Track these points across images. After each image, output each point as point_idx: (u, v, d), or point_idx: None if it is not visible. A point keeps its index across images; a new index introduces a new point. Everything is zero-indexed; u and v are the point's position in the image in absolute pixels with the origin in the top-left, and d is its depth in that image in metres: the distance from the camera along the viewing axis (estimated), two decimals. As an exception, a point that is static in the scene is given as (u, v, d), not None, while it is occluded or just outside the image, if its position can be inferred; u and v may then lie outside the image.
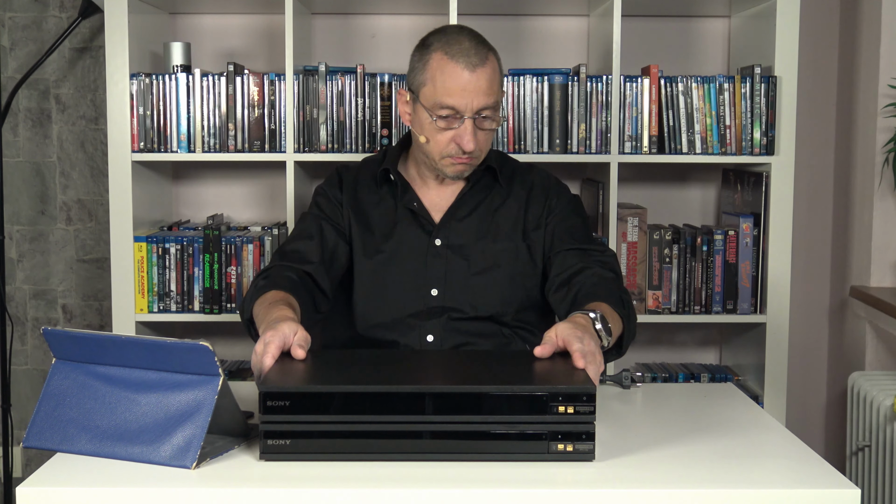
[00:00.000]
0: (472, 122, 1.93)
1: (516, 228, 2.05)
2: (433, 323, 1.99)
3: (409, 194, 2.06)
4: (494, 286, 2.01)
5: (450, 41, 1.95)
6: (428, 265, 2.02)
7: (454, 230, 2.04)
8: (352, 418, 1.42)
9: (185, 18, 3.14)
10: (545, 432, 1.43)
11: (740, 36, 3.07)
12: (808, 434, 3.20)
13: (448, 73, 1.92)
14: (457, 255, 2.02)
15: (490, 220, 2.05)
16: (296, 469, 1.41)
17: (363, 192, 2.10)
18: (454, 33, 1.97)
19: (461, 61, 1.91)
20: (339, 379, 1.51)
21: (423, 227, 2.04)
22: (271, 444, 1.43)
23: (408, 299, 2.01)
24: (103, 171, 3.25)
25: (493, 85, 1.94)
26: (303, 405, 1.42)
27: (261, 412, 1.42)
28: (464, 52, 1.92)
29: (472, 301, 2.00)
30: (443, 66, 1.93)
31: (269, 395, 1.42)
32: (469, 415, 1.43)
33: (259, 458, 1.44)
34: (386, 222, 2.06)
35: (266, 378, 1.49)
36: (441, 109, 1.93)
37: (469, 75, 1.91)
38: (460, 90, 1.91)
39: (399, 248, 2.03)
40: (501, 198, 2.07)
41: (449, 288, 2.01)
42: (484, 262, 2.02)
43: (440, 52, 1.94)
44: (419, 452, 1.43)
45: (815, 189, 3.20)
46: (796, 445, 1.55)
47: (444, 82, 1.92)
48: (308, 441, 1.43)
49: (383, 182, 2.09)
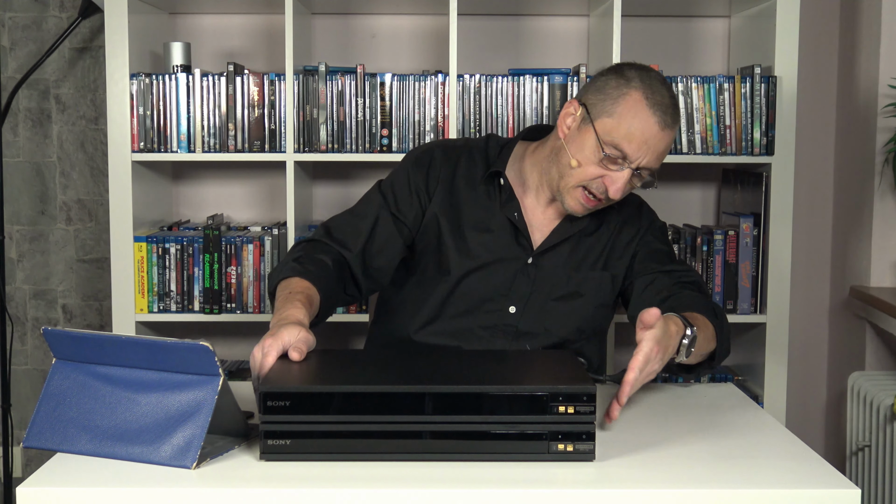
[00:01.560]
0: (631, 173, 1.84)
1: (602, 257, 1.97)
2: (502, 343, 1.93)
3: (513, 203, 1.95)
4: (573, 314, 1.95)
5: (653, 89, 1.83)
6: (515, 282, 1.94)
7: (548, 253, 1.95)
8: (352, 418, 1.42)
9: (185, 18, 3.14)
10: (545, 432, 1.43)
11: (740, 36, 3.07)
12: (808, 434, 3.20)
13: (641, 119, 1.80)
14: (543, 278, 1.94)
15: (581, 247, 1.97)
16: (296, 469, 1.41)
17: (462, 186, 1.97)
18: (658, 82, 1.84)
19: (657, 115, 1.81)
20: (339, 379, 1.51)
21: (521, 242, 1.95)
22: (271, 444, 1.43)
23: (483, 312, 1.93)
24: (103, 171, 3.25)
25: (666, 151, 1.86)
26: (303, 405, 1.42)
27: (261, 412, 1.42)
28: (663, 107, 1.82)
29: (546, 325, 1.94)
30: (637, 111, 1.81)
31: (269, 395, 1.42)
32: (469, 415, 1.43)
33: (259, 458, 1.44)
34: (481, 229, 1.95)
35: (266, 378, 1.49)
36: (614, 149, 1.82)
37: (658, 132, 1.81)
38: (643, 141, 1.81)
39: (491, 259, 1.94)
40: (594, 226, 1.99)
41: (528, 309, 1.94)
42: (567, 289, 1.95)
43: (641, 94, 1.81)
44: (419, 452, 1.43)
45: (815, 189, 3.20)
46: (796, 445, 1.55)
47: (632, 126, 1.81)
48: (308, 441, 1.43)
49: (485, 181, 1.97)
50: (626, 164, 1.82)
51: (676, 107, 1.86)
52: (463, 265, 1.94)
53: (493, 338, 1.93)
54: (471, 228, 1.95)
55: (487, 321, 1.93)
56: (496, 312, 1.94)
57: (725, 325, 1.84)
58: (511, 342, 1.94)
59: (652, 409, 1.75)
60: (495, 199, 1.96)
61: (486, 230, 1.95)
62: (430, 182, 1.97)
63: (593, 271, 1.97)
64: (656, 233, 2.03)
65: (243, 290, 2.83)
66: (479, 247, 1.94)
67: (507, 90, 2.79)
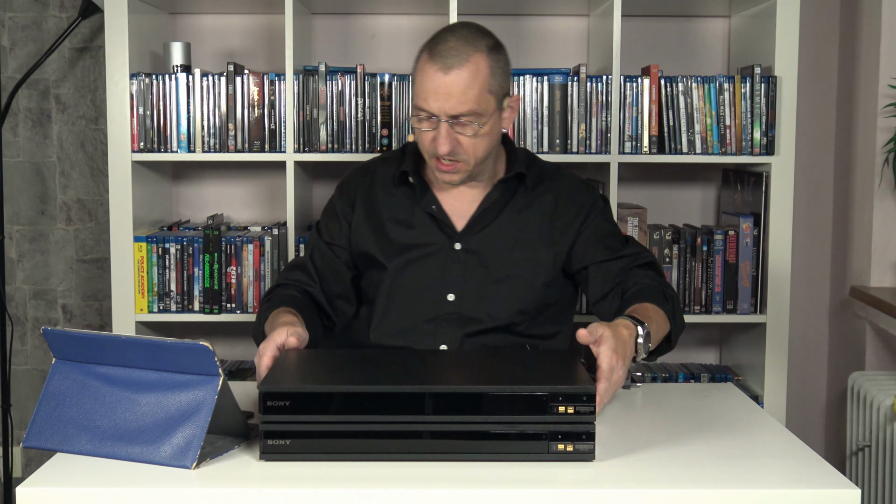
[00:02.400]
0: (448, 125, 1.84)
1: (540, 237, 1.98)
2: (447, 332, 1.95)
3: (429, 197, 1.99)
4: (512, 295, 1.95)
5: (438, 38, 1.87)
6: (446, 270, 1.96)
7: (476, 236, 1.97)
8: (352, 418, 1.43)
9: (185, 18, 3.14)
10: (545, 432, 1.43)
11: (740, 36, 3.07)
12: (808, 434, 3.20)
13: (426, 74, 1.84)
14: (477, 262, 1.96)
15: (513, 227, 1.98)
16: (296, 469, 1.41)
17: (379, 193, 2.03)
18: (445, 31, 1.89)
19: (438, 62, 1.82)
20: (339, 379, 1.51)
21: (444, 230, 1.98)
22: (271, 444, 1.43)
23: (423, 304, 1.96)
24: (103, 171, 3.25)
25: (468, 90, 1.82)
26: (303, 405, 1.42)
27: (261, 412, 1.42)
28: (444, 52, 1.83)
29: (488, 310, 1.95)
30: (423, 66, 1.85)
31: (269, 395, 1.42)
32: (469, 415, 1.43)
33: (259, 458, 1.44)
34: (403, 226, 1.99)
35: (266, 378, 1.49)
36: (419, 111, 1.86)
37: (442, 78, 1.82)
38: (432, 92, 1.83)
39: (418, 252, 1.97)
40: (526, 203, 1.99)
41: (466, 295, 1.95)
42: (504, 271, 1.96)
43: (426, 49, 1.87)
44: (419, 452, 1.43)
45: (815, 189, 3.20)
46: (796, 445, 1.55)
47: (422, 85, 1.85)
48: (308, 441, 1.43)
49: (401, 183, 2.02)
50: (436, 118, 1.85)
51: (469, 43, 1.84)
52: (393, 264, 1.98)
53: (437, 330, 1.95)
54: (393, 227, 2.00)
55: (429, 313, 1.95)
56: (436, 303, 1.95)
57: (677, 305, 1.88)
58: (456, 330, 1.95)
59: (652, 409, 1.75)
60: (413, 198, 2.00)
61: (409, 226, 1.99)
62: (350, 200, 2.05)
63: (531, 250, 1.97)
64: (605, 214, 2.04)
65: (243, 290, 2.83)
66: (404, 245, 1.98)
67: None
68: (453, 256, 1.97)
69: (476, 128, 1.85)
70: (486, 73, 1.85)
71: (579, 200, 2.02)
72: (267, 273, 2.83)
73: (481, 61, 1.84)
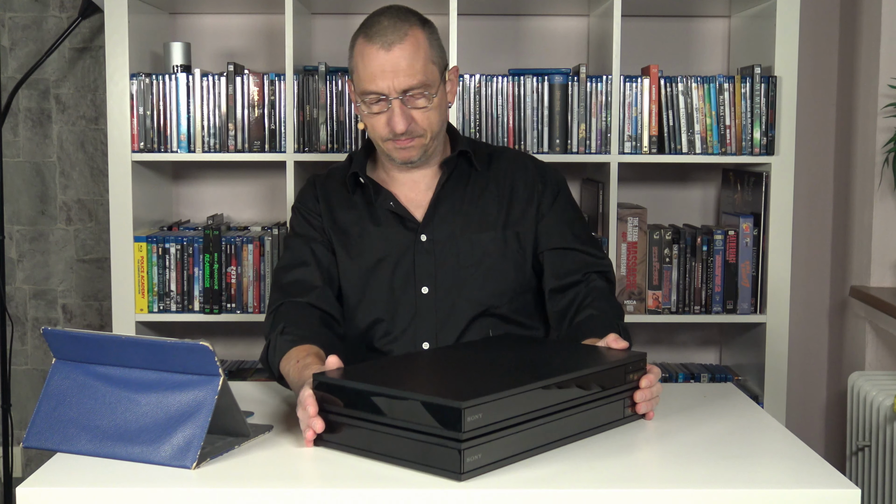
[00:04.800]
0: (400, 102, 1.85)
1: (500, 216, 1.98)
2: (426, 325, 1.94)
3: (384, 195, 1.98)
4: (487, 277, 1.95)
5: (370, 22, 1.88)
6: (416, 263, 1.95)
7: (439, 224, 1.96)
8: (530, 415, 1.45)
9: (185, 18, 3.14)
10: (623, 399, 1.61)
11: (740, 36, 3.07)
12: (808, 434, 3.20)
13: (367, 56, 1.85)
14: (445, 250, 1.95)
15: (473, 209, 1.98)
16: (296, 469, 1.41)
17: (335, 201, 2.02)
18: (374, 15, 1.90)
19: (377, 42, 1.83)
20: (515, 382, 1.49)
21: (406, 225, 1.96)
22: (470, 461, 1.37)
23: (398, 301, 1.95)
24: (103, 171, 3.25)
25: (414, 62, 1.84)
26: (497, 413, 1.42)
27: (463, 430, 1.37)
28: (381, 31, 1.84)
29: (465, 295, 1.94)
30: (362, 50, 1.86)
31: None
32: (577, 396, 1.52)
33: (460, 479, 1.36)
34: (364, 227, 1.98)
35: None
36: (367, 95, 1.86)
37: (385, 55, 1.83)
38: (379, 73, 1.83)
39: (384, 251, 1.96)
40: (482, 184, 2.00)
41: (441, 284, 1.95)
42: (473, 255, 1.96)
43: (361, 35, 1.88)
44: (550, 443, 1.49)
45: (815, 189, 3.20)
46: (796, 445, 1.55)
47: (366, 67, 1.85)
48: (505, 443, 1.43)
49: (355, 187, 2.01)
50: (388, 98, 1.85)
51: (401, 19, 1.86)
52: (361, 266, 1.96)
53: (418, 323, 1.94)
54: (356, 230, 1.98)
55: (405, 309, 1.94)
56: (413, 299, 1.95)
57: (623, 322, 1.94)
58: (441, 321, 1.94)
59: (652, 409, 1.75)
60: (369, 198, 1.99)
61: (372, 226, 1.98)
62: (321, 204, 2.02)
63: (495, 231, 1.97)
64: (562, 198, 2.03)
65: (243, 290, 2.83)
66: (369, 246, 1.97)
67: (507, 90, 2.79)
68: (420, 248, 1.96)
69: (427, 100, 1.87)
70: (426, 44, 1.88)
71: (535, 179, 2.02)
72: (267, 273, 2.83)
73: (419, 34, 1.88)
